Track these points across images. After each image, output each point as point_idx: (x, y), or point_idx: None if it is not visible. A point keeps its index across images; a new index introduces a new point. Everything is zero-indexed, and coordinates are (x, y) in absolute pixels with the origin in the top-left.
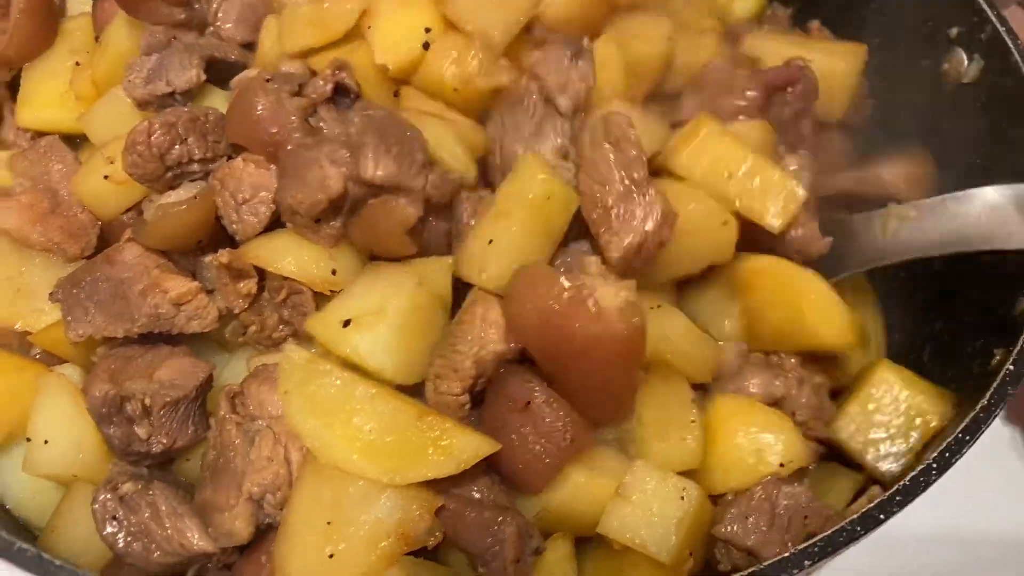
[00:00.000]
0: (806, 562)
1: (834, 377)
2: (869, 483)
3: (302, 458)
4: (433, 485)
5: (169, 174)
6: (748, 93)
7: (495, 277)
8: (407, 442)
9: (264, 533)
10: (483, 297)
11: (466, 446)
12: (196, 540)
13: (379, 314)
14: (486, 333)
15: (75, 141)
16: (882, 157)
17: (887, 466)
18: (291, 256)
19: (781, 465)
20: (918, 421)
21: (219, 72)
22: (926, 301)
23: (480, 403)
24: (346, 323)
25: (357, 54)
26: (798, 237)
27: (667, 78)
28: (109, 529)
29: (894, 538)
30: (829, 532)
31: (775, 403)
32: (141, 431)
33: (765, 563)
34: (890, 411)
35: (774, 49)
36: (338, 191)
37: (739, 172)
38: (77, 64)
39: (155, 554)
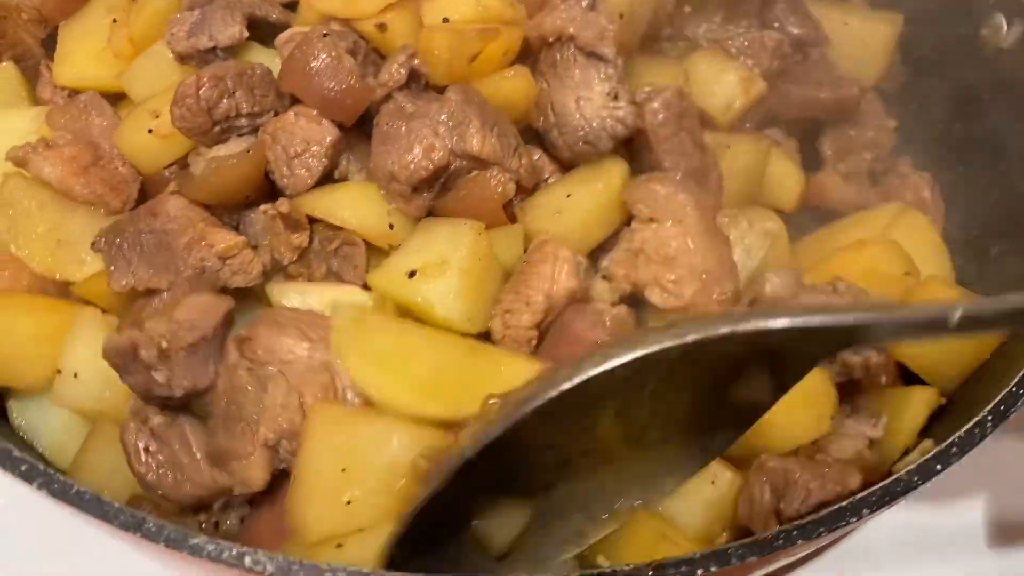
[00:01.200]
0: (864, 510)
1: None
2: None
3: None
4: None
5: (217, 128)
6: None
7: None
8: (469, 374)
9: (279, 480)
10: (554, 237)
11: (527, 371)
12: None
13: (443, 264)
14: (558, 269)
15: (111, 99)
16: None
17: None
18: (353, 209)
19: (832, 417)
20: None
21: (260, 30)
22: None
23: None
24: (412, 274)
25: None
26: None
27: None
28: (141, 460)
29: None
30: (887, 482)
31: None
32: (160, 376)
33: (824, 512)
34: None
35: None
36: (444, 162)
37: None
38: (114, 21)
39: (185, 486)
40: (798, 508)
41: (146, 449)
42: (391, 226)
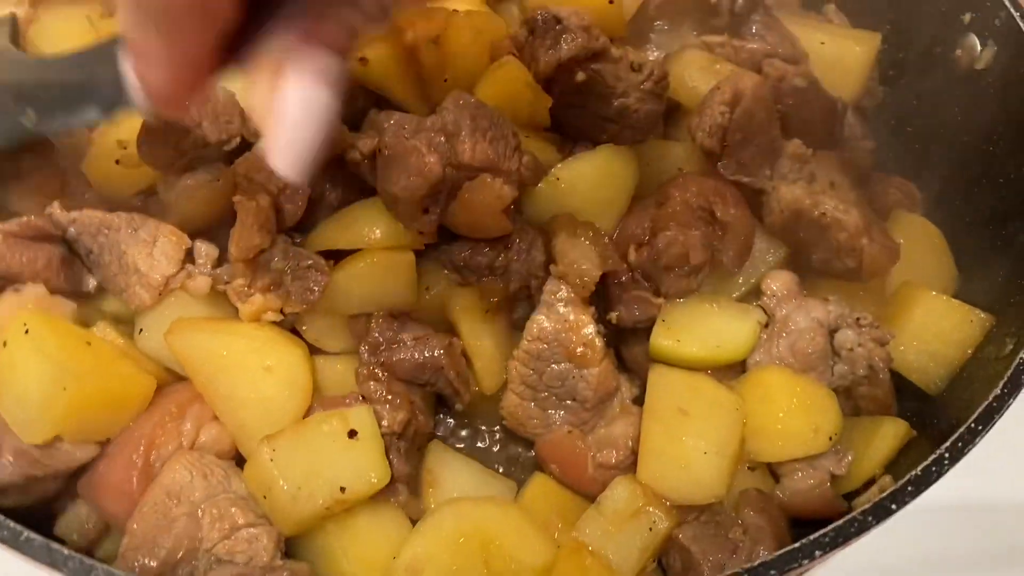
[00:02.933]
0: (817, 552)
1: None
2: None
3: None
4: None
5: (184, 159)
6: None
7: None
8: None
9: None
10: None
11: None
12: None
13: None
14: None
15: None
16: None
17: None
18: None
19: (830, 439)
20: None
21: None
22: None
23: None
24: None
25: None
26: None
27: None
28: None
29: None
30: (840, 522)
31: (833, 331)
32: None
33: (775, 554)
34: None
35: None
36: (438, 176)
37: None
38: None
39: None
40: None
41: None
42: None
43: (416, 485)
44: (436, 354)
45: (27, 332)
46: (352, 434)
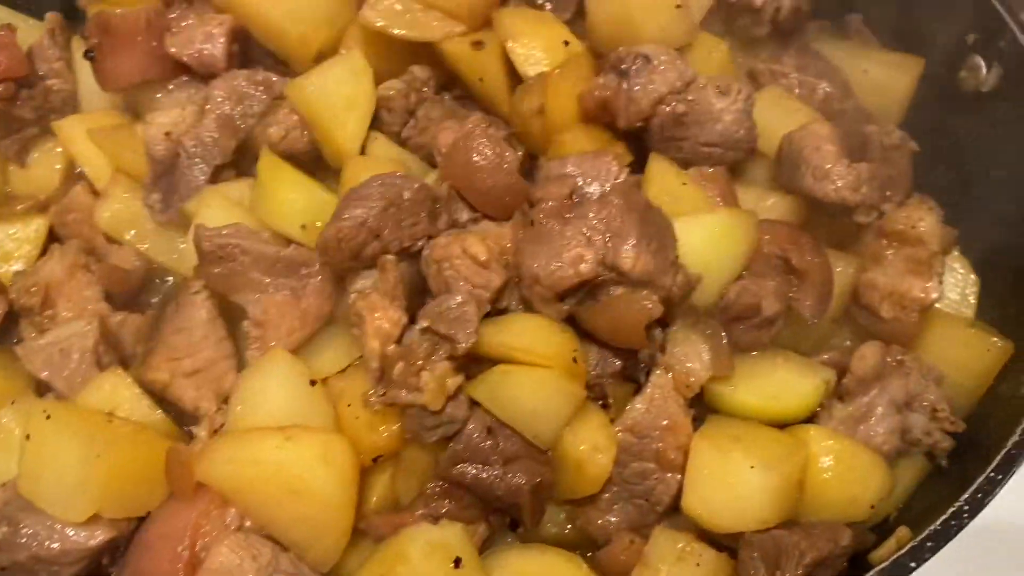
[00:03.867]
0: None
1: None
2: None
3: None
4: None
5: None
6: None
7: None
8: None
9: None
10: None
11: None
12: None
13: None
14: None
15: None
16: None
17: None
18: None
19: (872, 507)
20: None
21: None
22: None
23: None
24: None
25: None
26: None
27: None
28: None
29: None
30: None
31: (907, 405)
32: None
33: None
34: None
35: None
36: (591, 275)
37: None
38: None
39: None
40: (795, 571)
41: None
42: (575, 360)
43: None
44: (520, 486)
45: (49, 417)
46: (458, 563)
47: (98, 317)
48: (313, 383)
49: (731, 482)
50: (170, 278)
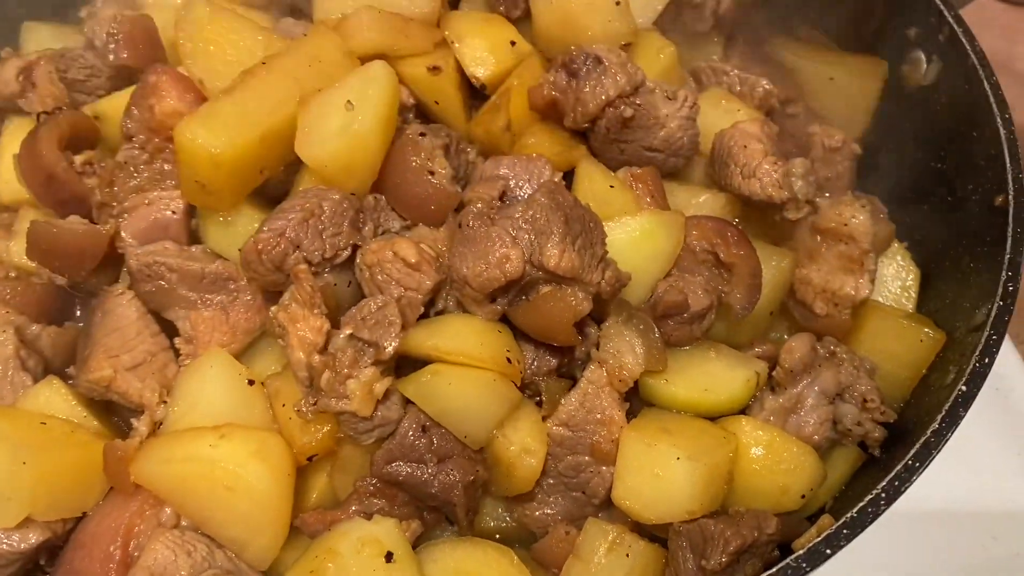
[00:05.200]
0: None
1: None
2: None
3: None
4: None
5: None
6: None
7: None
8: None
9: None
10: None
11: None
12: None
13: None
14: None
15: None
16: None
17: None
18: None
19: (803, 497)
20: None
21: None
22: None
23: None
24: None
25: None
26: None
27: None
28: None
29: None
30: (775, 570)
31: (838, 396)
32: None
33: None
34: None
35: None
36: (517, 274)
37: None
38: None
39: None
40: (720, 559)
41: None
42: (508, 360)
43: None
44: (454, 484)
45: None
46: (389, 557)
47: (12, 326)
48: (251, 383)
49: (658, 473)
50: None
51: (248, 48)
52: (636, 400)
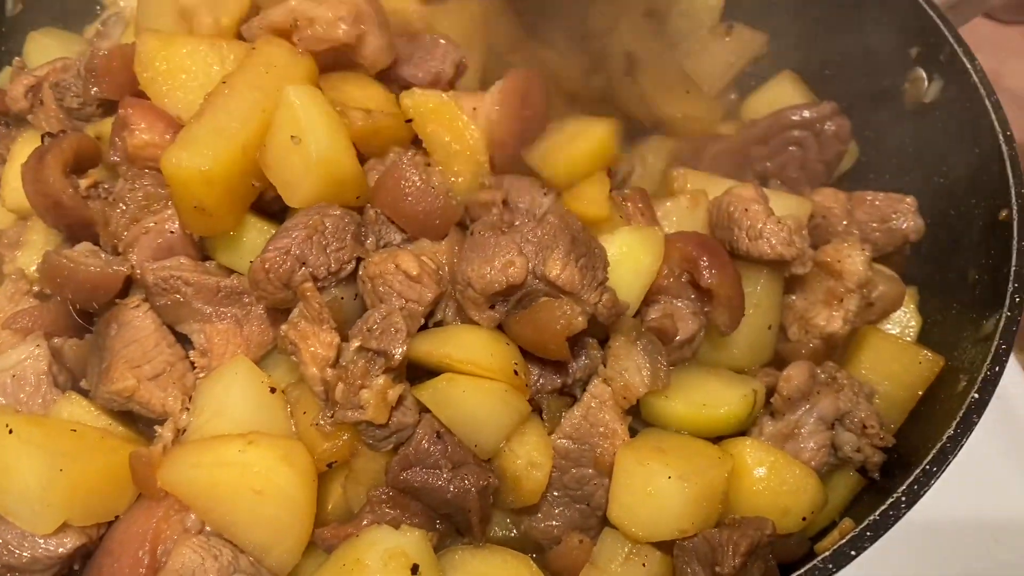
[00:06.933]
0: None
1: None
2: (861, 485)
3: None
4: None
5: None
6: None
7: None
8: None
9: None
10: None
11: None
12: None
13: None
14: None
15: None
16: None
17: None
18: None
19: (803, 519)
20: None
21: None
22: None
23: None
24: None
25: None
26: None
27: None
28: None
29: None
30: (803, 571)
31: (838, 421)
32: None
33: None
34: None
35: None
36: (519, 280)
37: None
38: None
39: None
40: (733, 562)
41: None
42: (516, 372)
43: None
44: (468, 490)
45: (11, 432)
46: (415, 569)
47: (46, 341)
48: (273, 391)
49: (650, 491)
50: None
51: (203, 70)
52: (639, 421)
